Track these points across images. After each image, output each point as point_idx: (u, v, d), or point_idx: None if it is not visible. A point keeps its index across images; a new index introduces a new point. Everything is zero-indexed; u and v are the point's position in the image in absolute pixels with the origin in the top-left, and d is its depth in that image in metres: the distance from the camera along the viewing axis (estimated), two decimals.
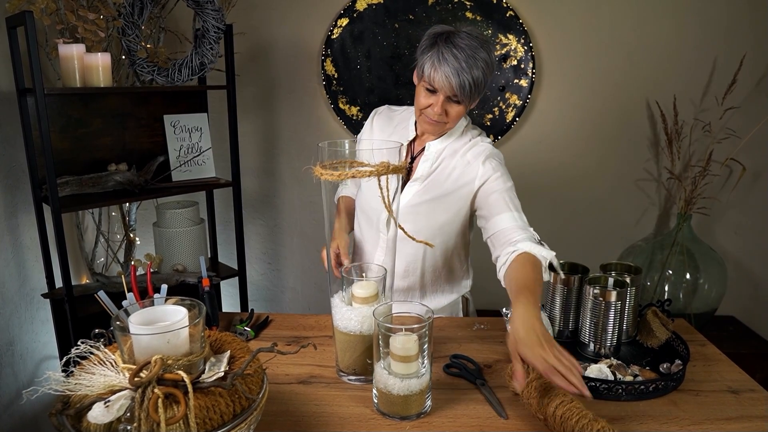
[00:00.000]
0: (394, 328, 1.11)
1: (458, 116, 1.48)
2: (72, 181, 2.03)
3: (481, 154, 1.53)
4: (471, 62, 1.37)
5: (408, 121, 1.62)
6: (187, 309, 0.91)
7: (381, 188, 1.19)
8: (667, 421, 1.15)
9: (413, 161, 1.59)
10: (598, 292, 1.34)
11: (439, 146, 1.56)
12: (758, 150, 2.59)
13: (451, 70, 1.37)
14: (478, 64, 1.38)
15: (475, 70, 1.37)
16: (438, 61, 1.38)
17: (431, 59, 1.40)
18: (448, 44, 1.38)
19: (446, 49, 1.38)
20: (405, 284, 1.66)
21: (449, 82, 1.38)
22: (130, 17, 2.03)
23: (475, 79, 1.38)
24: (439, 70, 1.38)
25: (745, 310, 2.82)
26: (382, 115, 1.69)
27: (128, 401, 0.81)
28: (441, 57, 1.38)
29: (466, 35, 1.39)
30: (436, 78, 1.39)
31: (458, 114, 1.47)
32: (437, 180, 1.55)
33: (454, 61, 1.37)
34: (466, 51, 1.37)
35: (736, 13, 2.49)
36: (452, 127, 1.54)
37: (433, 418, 1.15)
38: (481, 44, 1.39)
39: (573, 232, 2.76)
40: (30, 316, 2.15)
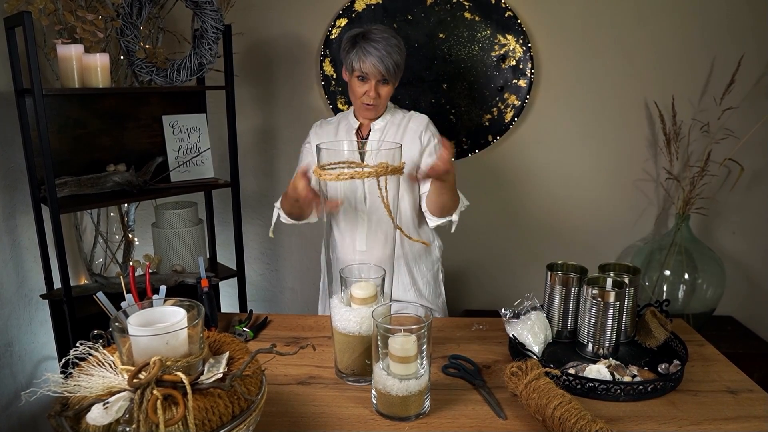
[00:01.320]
0: (392, 328, 1.11)
1: (388, 95, 1.77)
2: (70, 182, 2.03)
3: (422, 122, 1.84)
4: (390, 49, 1.67)
5: (347, 118, 1.88)
6: (185, 310, 0.91)
7: (380, 189, 1.19)
8: (665, 422, 1.15)
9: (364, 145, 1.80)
10: (597, 292, 1.34)
11: (382, 123, 1.84)
12: (756, 150, 2.60)
13: (375, 59, 1.67)
14: (394, 49, 1.68)
15: (394, 54, 1.68)
16: (364, 54, 1.67)
17: (357, 55, 1.69)
18: (366, 40, 1.68)
19: (367, 44, 1.67)
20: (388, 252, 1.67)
21: (377, 68, 1.67)
22: (129, 18, 2.03)
23: (395, 61, 1.69)
24: (367, 61, 1.67)
25: (744, 310, 2.82)
26: (321, 124, 1.93)
27: (127, 402, 0.81)
28: (365, 51, 1.67)
29: (377, 30, 1.70)
30: (365, 67, 1.68)
31: (388, 93, 1.76)
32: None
33: (376, 51, 1.66)
34: (382, 42, 1.67)
35: (734, 14, 2.50)
36: (385, 106, 1.82)
37: (431, 418, 1.16)
38: (391, 35, 1.70)
39: (571, 232, 2.76)
40: (28, 317, 2.15)
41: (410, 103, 2.62)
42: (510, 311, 1.46)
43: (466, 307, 2.85)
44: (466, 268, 2.79)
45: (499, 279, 2.77)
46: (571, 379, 1.24)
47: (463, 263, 2.77)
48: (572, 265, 1.50)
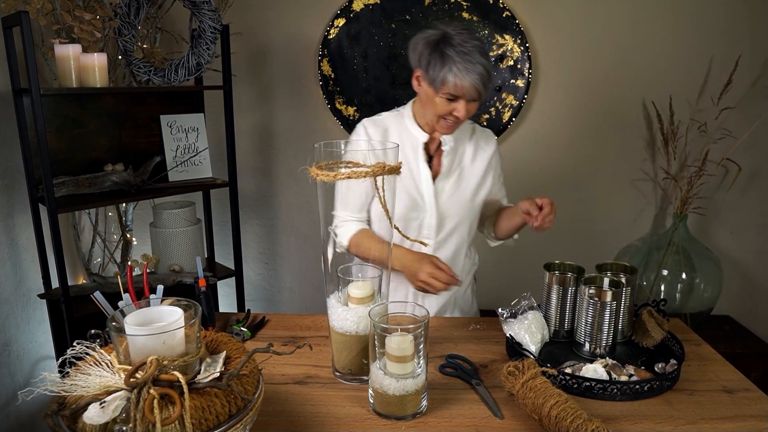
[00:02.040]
0: (389, 328, 1.11)
1: (473, 112, 1.55)
2: (68, 182, 2.03)
3: (490, 140, 1.73)
4: (484, 60, 1.45)
5: (405, 126, 1.66)
6: (182, 310, 0.91)
7: (377, 188, 1.19)
8: (661, 421, 1.15)
9: (431, 159, 1.68)
10: (594, 292, 1.35)
11: (453, 142, 1.65)
12: (754, 150, 2.60)
13: (476, 77, 1.44)
14: (486, 57, 1.47)
15: (489, 67, 1.47)
16: (461, 71, 1.43)
17: (453, 71, 1.44)
18: (459, 53, 1.44)
19: (462, 58, 1.43)
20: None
21: (476, 89, 1.46)
22: (127, 17, 2.03)
23: (491, 73, 1.48)
24: (466, 79, 1.44)
25: (741, 309, 2.82)
26: (371, 126, 1.67)
27: (124, 402, 0.81)
28: (463, 67, 1.43)
29: (466, 36, 1.46)
30: (463, 87, 1.45)
31: (474, 109, 1.54)
32: (459, 166, 1.68)
33: (477, 67, 1.44)
34: (476, 52, 1.44)
35: (732, 14, 2.50)
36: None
37: (428, 418, 1.16)
38: (477, 37, 1.48)
39: (569, 232, 2.76)
40: (26, 316, 2.15)
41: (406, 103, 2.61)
42: (507, 311, 1.47)
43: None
44: None
45: (496, 279, 2.77)
46: (567, 379, 1.24)
47: None
48: (569, 264, 1.50)
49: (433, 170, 1.65)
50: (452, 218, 1.67)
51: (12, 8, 1.88)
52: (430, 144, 1.66)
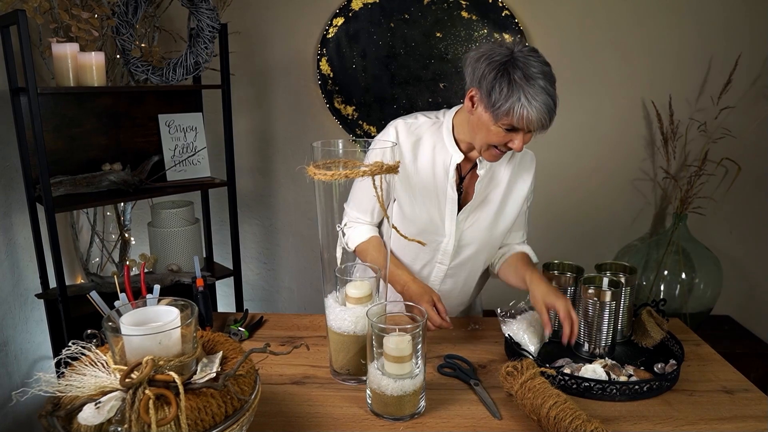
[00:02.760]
0: (387, 328, 1.11)
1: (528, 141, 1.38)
2: (66, 181, 2.03)
3: (531, 163, 1.59)
4: (553, 90, 1.29)
5: (441, 139, 1.49)
6: (179, 309, 0.91)
7: (375, 188, 1.19)
8: (661, 422, 1.15)
9: (462, 180, 1.53)
10: (593, 292, 1.34)
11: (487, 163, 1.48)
12: (754, 150, 2.60)
13: (545, 110, 1.27)
14: (554, 89, 1.30)
15: (556, 97, 1.30)
16: (530, 102, 1.26)
17: (521, 102, 1.26)
18: (529, 81, 1.26)
19: (531, 87, 1.26)
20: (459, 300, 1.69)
21: (543, 122, 1.29)
22: (124, 16, 2.03)
23: (557, 104, 1.30)
24: (534, 113, 1.26)
25: (741, 309, 2.82)
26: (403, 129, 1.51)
27: (119, 402, 0.80)
28: (533, 99, 1.25)
29: (534, 60, 1.29)
30: (530, 120, 1.27)
31: (530, 140, 1.38)
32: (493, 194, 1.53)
33: (548, 100, 1.27)
34: (548, 81, 1.28)
35: (731, 13, 2.50)
36: None
37: (426, 418, 1.15)
38: (546, 62, 1.32)
39: (568, 232, 2.76)
40: (24, 316, 2.14)
41: (407, 103, 2.61)
42: (506, 311, 1.46)
43: None
44: None
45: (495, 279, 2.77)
46: (566, 379, 1.23)
47: None
48: (568, 264, 1.50)
49: (462, 196, 1.52)
50: (471, 246, 1.55)
51: (9, 7, 1.87)
52: (464, 165, 1.51)
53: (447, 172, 1.48)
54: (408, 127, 1.50)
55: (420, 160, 1.49)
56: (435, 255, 1.56)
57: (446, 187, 1.49)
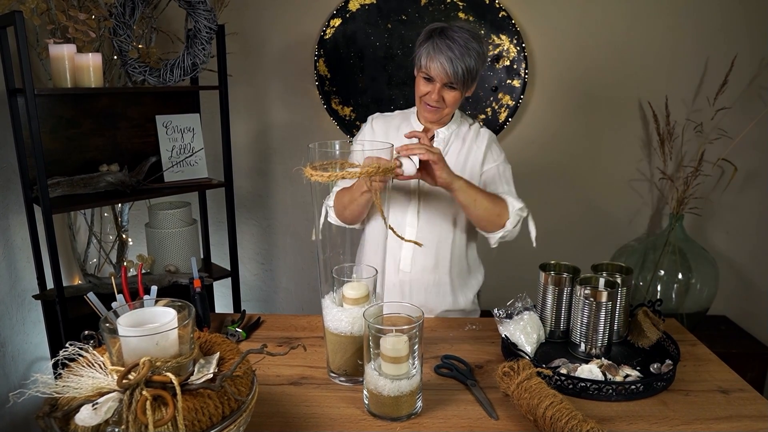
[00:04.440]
0: (384, 329, 1.11)
1: (455, 102, 1.60)
2: (63, 182, 2.03)
3: (483, 141, 1.70)
4: (463, 51, 1.50)
5: (408, 119, 1.74)
6: (176, 310, 0.91)
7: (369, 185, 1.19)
8: (657, 421, 1.15)
9: None
10: (589, 292, 1.34)
11: (446, 132, 1.69)
12: (750, 150, 2.60)
13: (445, 59, 1.50)
14: (471, 54, 1.51)
15: (468, 59, 1.51)
16: (433, 51, 1.51)
17: (427, 50, 1.53)
18: (442, 37, 1.52)
19: (440, 41, 1.51)
20: (434, 278, 1.72)
21: (444, 70, 1.51)
22: (122, 17, 2.03)
23: (468, 66, 1.51)
24: (435, 60, 1.51)
25: (737, 309, 2.83)
26: (379, 119, 1.78)
27: (116, 403, 0.81)
28: (436, 47, 1.51)
29: (458, 29, 1.53)
30: (432, 67, 1.52)
31: (455, 99, 1.59)
32: (450, 161, 1.62)
33: (448, 51, 1.50)
34: (459, 42, 1.50)
35: (727, 14, 2.50)
36: (450, 113, 1.66)
37: (423, 419, 1.15)
38: (473, 36, 1.53)
39: (565, 232, 2.77)
40: (21, 317, 2.14)
41: (405, 104, 2.62)
42: (503, 311, 1.46)
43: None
44: None
45: (492, 279, 2.77)
46: (563, 379, 1.24)
47: None
48: (565, 265, 1.50)
49: None
50: (435, 208, 1.67)
51: (6, 8, 1.87)
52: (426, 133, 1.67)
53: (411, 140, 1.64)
54: (382, 117, 1.78)
55: (390, 135, 1.73)
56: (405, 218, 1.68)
57: None
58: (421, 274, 1.70)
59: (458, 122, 1.72)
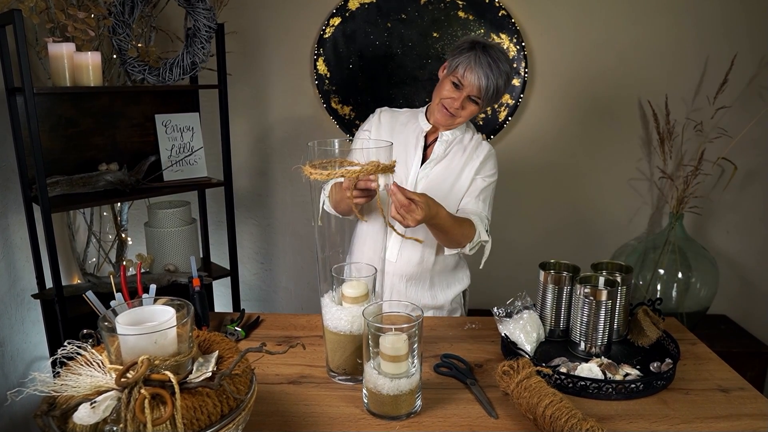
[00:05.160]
0: (383, 327, 1.11)
1: (471, 114, 1.66)
2: (62, 181, 2.02)
3: (482, 153, 1.74)
4: (499, 71, 1.57)
5: (416, 118, 1.77)
6: (175, 309, 0.91)
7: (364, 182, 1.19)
8: (656, 420, 1.15)
9: (427, 148, 1.76)
10: (589, 291, 1.34)
11: (450, 136, 1.73)
12: (750, 149, 2.60)
13: (483, 74, 1.56)
14: (503, 75, 1.58)
15: (500, 79, 1.58)
16: (474, 63, 1.56)
17: (468, 59, 1.57)
18: (485, 52, 1.57)
19: (483, 56, 1.56)
20: (417, 271, 1.75)
21: (479, 83, 1.57)
22: (121, 16, 2.02)
23: (498, 86, 1.58)
24: (474, 71, 1.56)
25: (737, 308, 2.83)
26: (387, 113, 1.81)
27: (114, 402, 0.80)
28: (477, 60, 1.56)
29: (498, 49, 1.60)
30: (468, 76, 1.57)
31: (471, 113, 1.65)
32: (448, 164, 1.73)
33: (487, 68, 1.56)
34: (498, 61, 1.57)
35: (727, 13, 2.50)
36: (462, 123, 1.71)
37: (423, 417, 1.15)
38: (507, 59, 1.60)
39: (565, 232, 2.76)
40: (20, 316, 2.14)
41: (404, 103, 2.62)
42: (502, 310, 1.46)
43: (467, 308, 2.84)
44: None
45: (492, 278, 2.77)
46: (562, 378, 1.24)
47: None
48: (565, 263, 1.50)
49: (426, 156, 1.75)
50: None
51: (5, 6, 1.87)
52: (431, 135, 1.75)
53: (417, 137, 1.74)
54: (390, 111, 1.82)
55: (396, 130, 1.77)
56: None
57: (416, 150, 1.74)
58: (406, 266, 1.74)
59: (463, 129, 1.76)
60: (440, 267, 1.79)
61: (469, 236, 1.63)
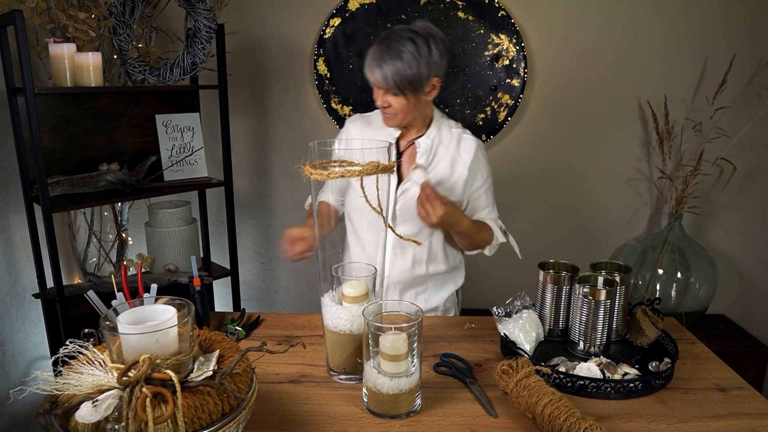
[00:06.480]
0: (383, 327, 1.11)
1: (404, 108, 1.55)
2: (63, 181, 2.03)
3: (470, 149, 1.66)
4: (392, 54, 1.47)
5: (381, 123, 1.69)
6: (176, 308, 0.91)
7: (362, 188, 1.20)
8: (655, 419, 1.16)
9: (400, 157, 1.69)
10: (588, 290, 1.35)
11: (428, 141, 1.65)
12: (748, 149, 2.61)
13: (376, 66, 1.49)
14: (403, 56, 1.46)
15: (398, 62, 1.46)
16: (371, 58, 1.51)
17: (368, 60, 1.53)
18: (380, 43, 1.51)
19: (378, 48, 1.50)
20: (412, 276, 1.72)
21: (374, 76, 1.51)
22: (122, 16, 2.03)
23: (397, 70, 1.47)
24: (370, 68, 1.51)
25: (736, 308, 2.83)
26: (357, 122, 1.76)
27: (116, 400, 0.81)
28: (374, 55, 1.51)
29: (400, 31, 1.50)
30: (368, 75, 1.53)
31: (401, 105, 1.54)
32: (433, 168, 1.66)
33: (380, 58, 1.49)
34: (391, 46, 1.48)
35: (726, 14, 2.51)
36: (405, 120, 1.60)
37: (422, 416, 1.16)
38: (412, 37, 1.48)
39: (565, 232, 2.77)
40: (21, 316, 2.15)
41: None
42: (502, 309, 1.47)
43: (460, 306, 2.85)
44: None
45: (492, 278, 2.77)
46: (561, 377, 1.24)
47: None
48: (564, 263, 1.50)
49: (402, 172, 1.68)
50: (411, 210, 1.59)
51: (6, 7, 1.87)
52: (401, 141, 1.68)
53: None
54: (362, 117, 1.76)
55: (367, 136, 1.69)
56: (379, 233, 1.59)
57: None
58: (399, 275, 1.70)
59: (438, 127, 1.66)
60: (432, 272, 1.73)
61: (488, 240, 1.67)
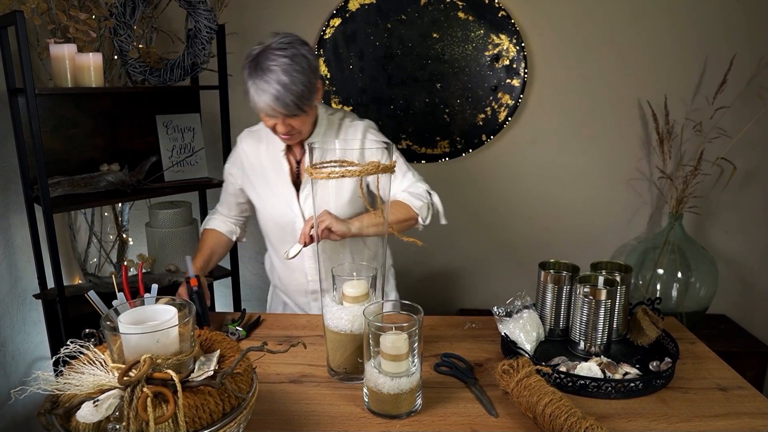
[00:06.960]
0: (384, 327, 1.11)
1: (304, 124, 1.49)
2: (63, 182, 2.03)
3: (357, 134, 1.60)
4: (287, 79, 1.36)
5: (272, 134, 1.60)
6: (177, 309, 0.91)
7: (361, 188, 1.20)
8: (656, 419, 1.16)
9: (298, 164, 1.65)
10: (588, 290, 1.35)
11: (317, 140, 1.57)
12: (748, 149, 2.61)
13: (270, 98, 1.37)
14: (295, 79, 1.37)
15: (294, 86, 1.37)
16: (256, 91, 1.38)
17: (252, 90, 1.40)
18: (259, 70, 1.37)
19: (259, 77, 1.37)
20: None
21: (270, 107, 1.39)
22: (122, 17, 2.03)
23: (296, 93, 1.37)
24: (261, 101, 1.39)
25: (737, 308, 2.83)
26: (247, 140, 1.69)
27: (117, 400, 0.81)
28: (258, 87, 1.38)
29: (274, 52, 1.38)
30: (262, 108, 1.41)
31: (302, 122, 1.48)
32: None
33: (270, 88, 1.36)
34: (276, 71, 1.36)
35: (727, 14, 2.51)
36: (309, 131, 1.55)
37: (423, 416, 1.16)
38: (291, 55, 1.38)
39: (565, 232, 2.77)
40: (22, 316, 2.15)
41: (404, 103, 2.62)
42: (502, 309, 1.47)
43: (461, 306, 2.85)
44: (460, 267, 2.79)
45: (492, 278, 2.77)
46: (562, 377, 1.24)
47: (456, 262, 2.78)
48: (564, 263, 1.50)
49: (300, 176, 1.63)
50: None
51: (7, 8, 1.87)
52: (297, 151, 1.63)
53: (280, 163, 1.61)
54: (250, 134, 1.69)
55: (262, 158, 1.65)
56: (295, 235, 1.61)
57: (282, 173, 1.61)
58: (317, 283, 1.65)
59: (325, 125, 1.60)
60: None
61: (408, 216, 1.54)
